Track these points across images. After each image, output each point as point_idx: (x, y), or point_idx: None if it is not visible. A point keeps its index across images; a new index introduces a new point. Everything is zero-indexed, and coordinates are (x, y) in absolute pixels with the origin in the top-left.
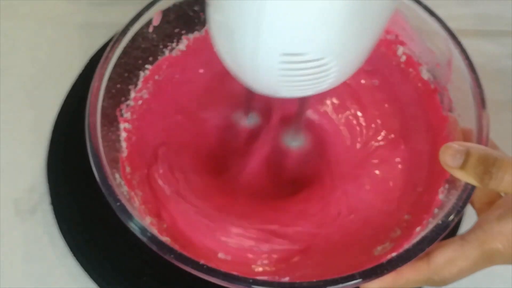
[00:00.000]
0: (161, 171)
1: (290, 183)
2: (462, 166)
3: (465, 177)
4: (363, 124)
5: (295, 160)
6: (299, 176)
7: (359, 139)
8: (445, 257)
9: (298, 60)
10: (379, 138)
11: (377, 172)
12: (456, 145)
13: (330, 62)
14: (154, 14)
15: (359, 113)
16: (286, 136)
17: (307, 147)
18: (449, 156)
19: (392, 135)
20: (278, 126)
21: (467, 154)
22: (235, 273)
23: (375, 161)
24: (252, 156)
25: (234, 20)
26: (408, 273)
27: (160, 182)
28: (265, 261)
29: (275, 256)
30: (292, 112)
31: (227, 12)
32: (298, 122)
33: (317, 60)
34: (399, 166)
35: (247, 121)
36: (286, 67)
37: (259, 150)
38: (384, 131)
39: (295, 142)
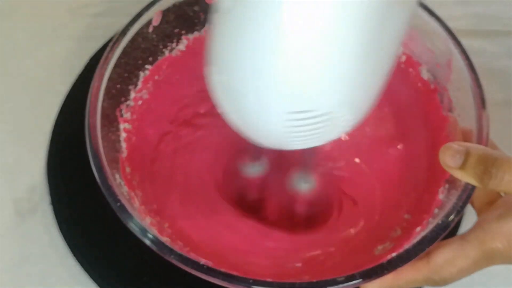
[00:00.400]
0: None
1: (305, 223)
2: (462, 166)
3: (465, 177)
4: (363, 125)
5: (307, 203)
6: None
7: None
8: (445, 257)
9: (305, 116)
10: (379, 137)
11: (377, 172)
12: (455, 145)
13: (339, 113)
14: (154, 14)
15: None
16: (295, 179)
17: (317, 188)
18: (449, 156)
19: (392, 135)
20: (287, 171)
21: (467, 154)
22: (235, 273)
23: (375, 161)
24: (266, 203)
25: (238, 80)
26: (408, 273)
27: None
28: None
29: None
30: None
31: (231, 72)
32: (307, 165)
33: (326, 114)
34: (399, 166)
35: (255, 169)
36: (293, 124)
37: (271, 197)
38: (383, 130)
39: (306, 185)
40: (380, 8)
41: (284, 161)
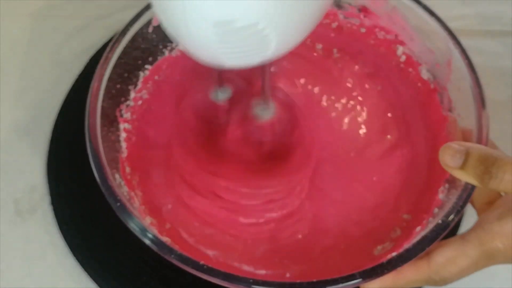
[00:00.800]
0: None
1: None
2: (462, 166)
3: (465, 177)
4: (363, 125)
5: (269, 132)
6: (277, 148)
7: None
8: (445, 256)
9: (232, 28)
10: (379, 137)
11: (376, 171)
12: (455, 145)
13: (266, 28)
14: (154, 14)
15: (359, 110)
16: (257, 107)
17: (278, 118)
18: (449, 156)
19: (392, 135)
20: (250, 97)
21: (467, 154)
22: (235, 273)
23: (375, 161)
24: (229, 127)
25: None
26: (408, 272)
27: None
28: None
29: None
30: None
31: None
32: (264, 93)
33: (252, 26)
34: (399, 165)
35: (221, 96)
36: (222, 38)
37: (233, 121)
38: (383, 130)
39: (266, 113)
40: None
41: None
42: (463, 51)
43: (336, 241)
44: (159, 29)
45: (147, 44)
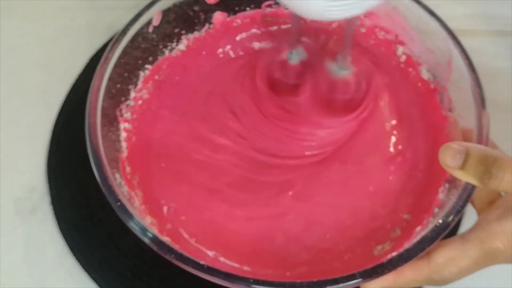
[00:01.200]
0: None
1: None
2: (462, 167)
3: (465, 177)
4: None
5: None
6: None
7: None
8: (445, 256)
9: None
10: (378, 137)
11: (376, 171)
12: (455, 145)
13: None
14: (154, 14)
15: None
16: (334, 65)
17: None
18: (449, 157)
19: (392, 135)
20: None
21: (467, 154)
22: (235, 273)
23: (374, 160)
24: (303, 87)
25: None
26: (408, 272)
27: None
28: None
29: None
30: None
31: None
32: (346, 48)
33: None
34: (399, 165)
35: (295, 57)
36: None
37: (307, 82)
38: (383, 130)
39: (344, 71)
40: None
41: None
42: (463, 51)
43: (336, 241)
44: (159, 29)
45: (147, 44)
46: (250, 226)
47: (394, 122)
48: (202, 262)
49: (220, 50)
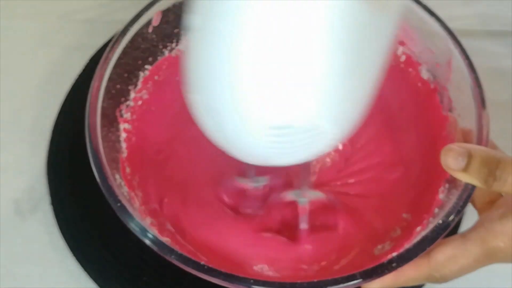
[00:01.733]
0: None
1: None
2: (465, 169)
3: (469, 179)
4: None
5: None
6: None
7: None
8: (446, 254)
9: (287, 132)
10: (378, 137)
11: (376, 171)
12: (457, 148)
13: (324, 128)
14: (154, 14)
15: None
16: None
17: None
18: (452, 159)
19: (392, 135)
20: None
21: (470, 156)
22: (235, 273)
23: (374, 160)
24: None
25: (214, 98)
26: (409, 270)
27: None
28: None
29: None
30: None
31: (206, 90)
32: (305, 183)
33: (309, 130)
34: (399, 165)
35: (255, 184)
36: (275, 140)
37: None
38: (383, 130)
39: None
40: (359, 21)
41: (286, 174)
42: (463, 51)
43: (336, 240)
44: (159, 29)
45: (147, 44)
46: (248, 225)
47: (393, 122)
48: (202, 263)
49: None
